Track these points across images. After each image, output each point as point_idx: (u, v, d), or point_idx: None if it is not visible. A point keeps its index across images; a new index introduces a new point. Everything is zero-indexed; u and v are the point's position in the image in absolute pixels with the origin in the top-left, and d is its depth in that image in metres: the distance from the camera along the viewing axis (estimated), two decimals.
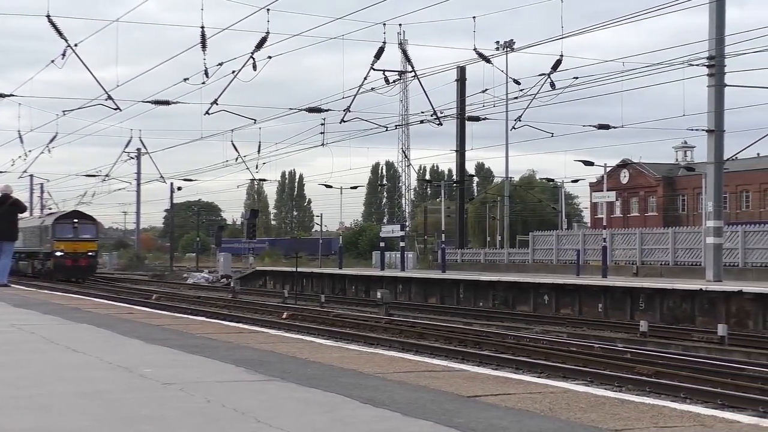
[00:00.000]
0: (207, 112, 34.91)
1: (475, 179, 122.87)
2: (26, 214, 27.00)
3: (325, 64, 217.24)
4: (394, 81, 38.77)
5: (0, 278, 23.94)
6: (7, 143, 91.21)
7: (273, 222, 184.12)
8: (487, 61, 35.48)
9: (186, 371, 7.84)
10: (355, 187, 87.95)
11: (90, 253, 62.74)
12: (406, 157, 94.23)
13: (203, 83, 32.15)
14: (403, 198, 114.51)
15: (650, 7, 45.75)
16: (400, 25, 36.81)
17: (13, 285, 26.11)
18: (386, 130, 43.80)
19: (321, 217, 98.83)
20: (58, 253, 60.47)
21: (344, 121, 36.60)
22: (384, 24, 31.49)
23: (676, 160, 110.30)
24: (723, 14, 32.73)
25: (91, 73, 31.20)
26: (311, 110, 39.34)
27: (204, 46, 29.15)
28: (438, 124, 40.95)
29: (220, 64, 32.49)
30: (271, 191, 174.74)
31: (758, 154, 77.53)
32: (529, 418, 5.70)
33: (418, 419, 5.56)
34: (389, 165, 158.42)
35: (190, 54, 31.29)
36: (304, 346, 10.18)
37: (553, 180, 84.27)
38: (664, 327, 28.51)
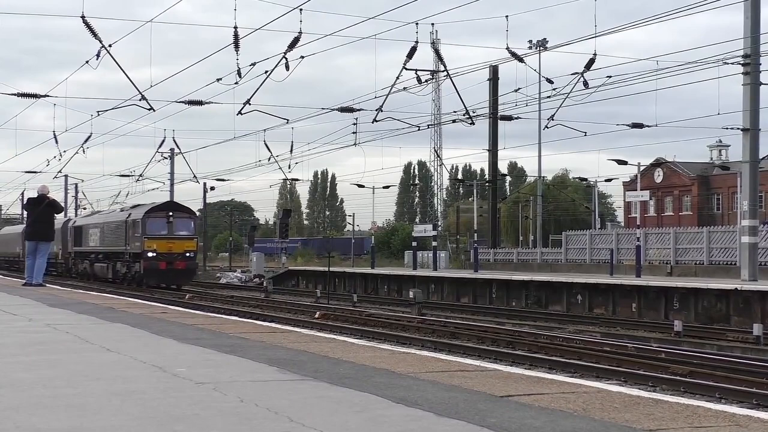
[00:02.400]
0: (240, 112, 35.00)
1: (508, 178, 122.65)
2: (60, 215, 27.21)
3: (358, 64, 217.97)
4: (426, 80, 38.68)
5: (36, 278, 24.16)
6: (42, 143, 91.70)
7: (305, 222, 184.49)
8: (520, 60, 35.38)
9: (219, 371, 7.87)
10: (388, 187, 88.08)
11: (188, 254, 49.73)
12: (438, 156, 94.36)
13: (236, 83, 32.24)
14: (436, 197, 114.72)
15: (683, 6, 45.49)
16: (432, 24, 36.85)
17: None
18: (418, 129, 43.77)
19: (353, 216, 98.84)
20: (150, 254, 48.21)
21: (376, 121, 36.61)
22: (416, 24, 31.45)
23: (711, 158, 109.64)
24: (758, 12, 32.58)
25: (125, 73, 31.34)
26: (343, 110, 39.38)
27: (237, 46, 29.21)
28: (470, 124, 40.82)
29: (253, 65, 32.53)
30: (303, 191, 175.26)
31: None
32: (562, 418, 5.68)
33: (451, 419, 5.56)
34: (421, 164, 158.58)
35: (223, 54, 31.43)
36: (337, 346, 10.19)
37: (586, 179, 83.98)
38: (698, 327, 28.39)
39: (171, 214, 48.94)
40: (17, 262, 79.09)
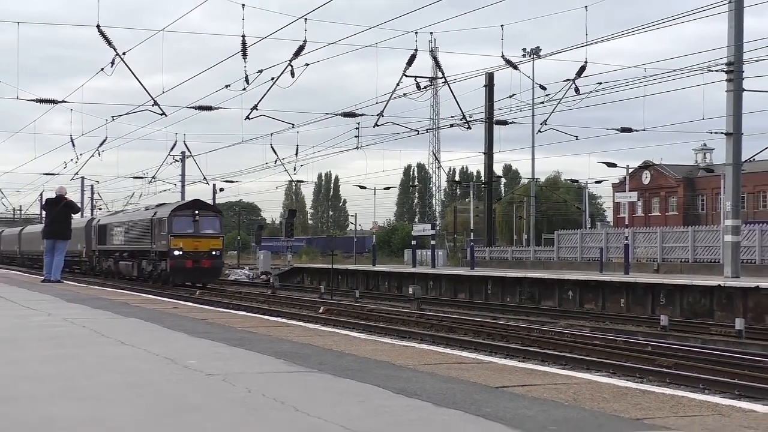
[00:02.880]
0: (248, 117, 35.04)
1: (503, 180, 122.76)
2: (77, 215, 27.13)
3: (360, 71, 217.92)
4: (425, 87, 38.72)
5: (54, 275, 24.19)
6: (60, 147, 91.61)
7: (310, 221, 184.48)
8: (515, 67, 35.39)
9: (228, 363, 7.88)
10: (388, 188, 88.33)
11: (214, 252, 46.23)
12: (436, 159, 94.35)
13: (244, 89, 32.24)
14: (434, 198, 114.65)
15: (671, 16, 45.40)
16: (431, 33, 36.77)
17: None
18: (417, 133, 43.80)
19: (355, 216, 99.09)
20: (176, 253, 45.01)
21: (378, 125, 36.60)
22: (416, 33, 31.46)
23: (696, 161, 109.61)
24: (741, 22, 32.58)
25: (138, 80, 31.36)
26: (346, 115, 39.37)
27: (245, 54, 29.22)
28: (467, 128, 40.83)
29: (260, 72, 32.54)
30: (308, 192, 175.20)
31: None
32: (554, 407, 5.69)
33: (449, 408, 5.57)
34: (420, 167, 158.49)
35: (232, 62, 31.38)
36: (340, 340, 10.20)
37: (577, 181, 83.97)
38: (683, 321, 28.40)
39: (197, 212, 46.04)
40: (41, 260, 78.97)
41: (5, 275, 34.06)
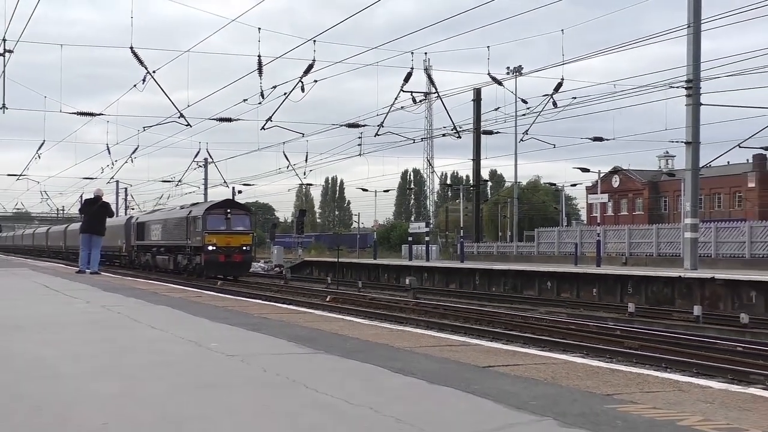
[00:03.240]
0: (263, 128, 35.08)
1: (489, 184, 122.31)
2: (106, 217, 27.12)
3: (362, 87, 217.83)
4: (420, 101, 38.76)
5: (92, 267, 24.17)
6: (97, 154, 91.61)
7: (318, 220, 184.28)
8: (499, 83, 35.42)
9: (246, 345, 7.88)
10: (387, 191, 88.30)
11: (245, 248, 45.19)
12: (430, 165, 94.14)
13: (260, 103, 32.29)
14: (428, 199, 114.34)
15: (637, 39, 45.24)
16: (425, 53, 36.82)
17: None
18: (413, 142, 43.93)
19: (358, 215, 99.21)
20: (210, 248, 43.84)
21: (378, 135, 36.67)
22: (412, 53, 31.53)
23: (659, 167, 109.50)
24: (699, 44, 32.57)
25: (166, 95, 31.36)
26: (350, 126, 39.39)
27: (260, 72, 29.24)
28: (458, 137, 40.90)
29: (274, 87, 32.57)
30: (316, 194, 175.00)
31: (728, 162, 77.05)
32: (534, 385, 5.69)
33: (442, 386, 5.57)
34: (416, 172, 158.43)
35: (249, 79, 31.41)
36: (345, 325, 10.19)
37: (555, 184, 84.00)
38: (648, 308, 28.39)
39: (229, 211, 44.75)
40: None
41: (51, 267, 34.03)
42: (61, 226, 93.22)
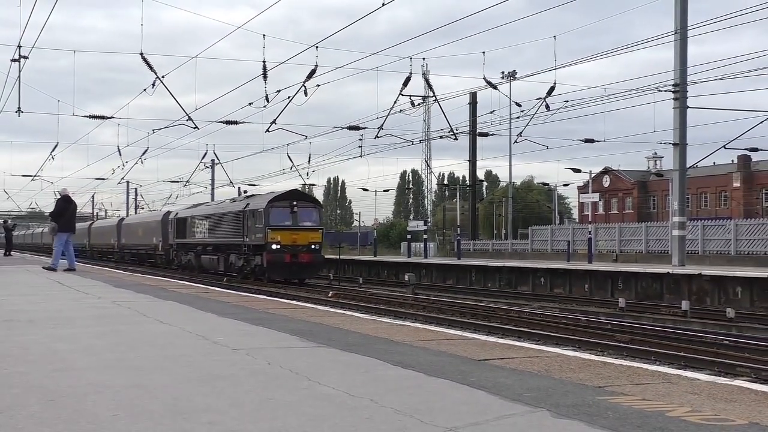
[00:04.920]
0: (267, 130, 35.06)
1: (485, 184, 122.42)
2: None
3: (363, 91, 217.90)
4: (418, 104, 38.71)
5: (71, 263, 23.60)
6: (108, 156, 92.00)
7: None
8: (494, 87, 35.43)
9: (251, 339, 7.87)
10: (387, 191, 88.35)
11: (313, 246, 37.10)
12: (428, 165, 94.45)
13: (264, 107, 32.28)
14: (426, 199, 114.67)
15: (626, 45, 45.31)
16: (423, 58, 37.10)
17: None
18: (412, 144, 43.95)
19: (359, 214, 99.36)
20: (274, 247, 36.17)
21: (378, 137, 36.67)
22: (410, 58, 31.53)
23: (648, 167, 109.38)
24: (685, 49, 32.57)
25: (175, 99, 31.37)
26: (351, 128, 39.41)
27: (265, 77, 29.24)
28: (454, 139, 40.91)
29: (278, 91, 32.58)
30: (319, 194, 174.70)
31: (714, 162, 77.14)
32: (528, 377, 5.69)
33: (439, 378, 5.57)
34: (414, 172, 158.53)
35: (254, 83, 31.39)
36: (346, 319, 10.19)
37: (548, 184, 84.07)
38: (638, 303, 28.37)
39: (295, 203, 37.01)
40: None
41: (63, 264, 34.00)
42: None
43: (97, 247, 76.00)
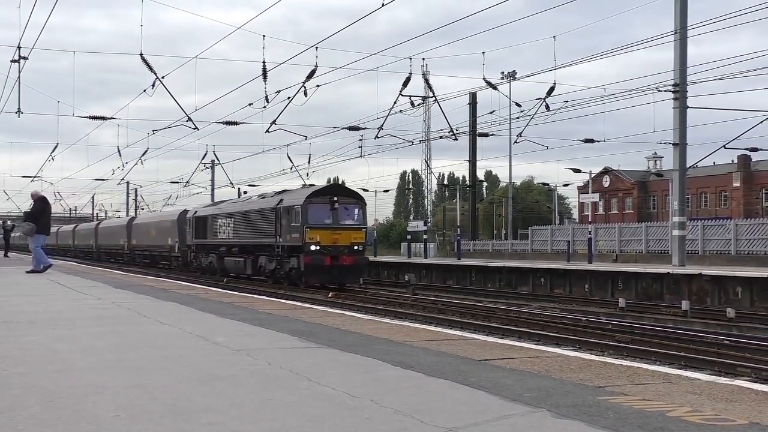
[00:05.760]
0: (267, 131, 35.08)
1: (485, 184, 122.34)
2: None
3: (363, 91, 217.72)
4: (418, 104, 38.77)
5: (45, 263, 23.05)
6: (108, 156, 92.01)
7: None
8: (494, 88, 35.45)
9: (251, 340, 7.87)
10: (387, 191, 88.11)
11: (356, 247, 33.18)
12: (428, 166, 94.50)
13: (264, 107, 32.32)
14: (426, 199, 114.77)
15: (625, 45, 45.55)
16: (423, 59, 36.99)
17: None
18: (412, 144, 43.95)
19: None
20: (313, 248, 32.23)
21: (378, 137, 36.68)
22: (410, 58, 31.56)
23: (648, 167, 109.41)
24: (685, 50, 32.58)
25: (175, 100, 31.39)
26: (351, 128, 39.44)
27: (265, 77, 29.27)
28: (454, 139, 40.95)
29: (278, 92, 32.62)
30: None
31: (714, 162, 77.21)
32: (529, 377, 5.69)
33: (439, 378, 5.57)
34: (414, 173, 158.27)
35: (254, 84, 31.45)
36: (346, 320, 10.19)
37: (548, 184, 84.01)
38: (638, 303, 28.37)
39: (336, 199, 33.15)
40: (92, 252, 76.98)
41: (63, 266, 34.04)
42: (70, 226, 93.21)
43: (105, 248, 72.95)
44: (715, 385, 5.49)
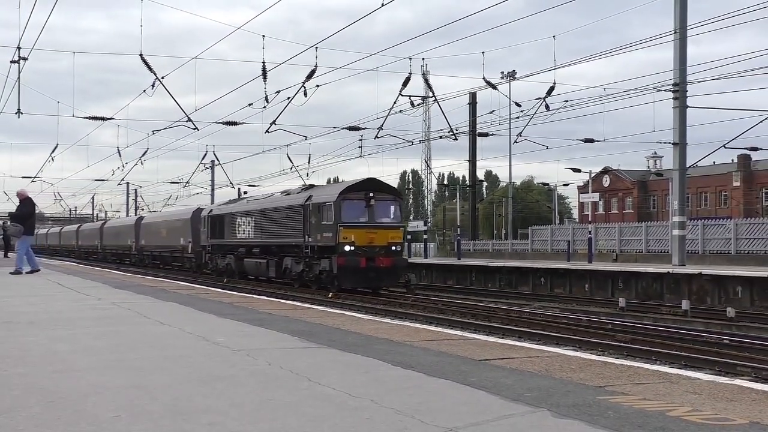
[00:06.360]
0: (267, 131, 35.05)
1: (485, 184, 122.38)
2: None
3: (362, 91, 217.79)
4: (418, 104, 38.76)
5: (26, 265, 22.31)
6: (108, 157, 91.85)
7: None
8: (494, 87, 35.45)
9: (251, 340, 7.87)
10: None
11: (394, 247, 30.36)
12: (428, 166, 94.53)
13: (264, 107, 32.30)
14: (426, 199, 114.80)
15: (624, 45, 45.57)
16: (423, 59, 36.92)
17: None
18: (412, 144, 43.92)
19: None
20: (347, 248, 29.51)
21: (378, 137, 36.66)
22: (410, 58, 31.51)
23: (648, 167, 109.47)
24: (685, 49, 32.56)
25: (174, 100, 31.36)
26: (351, 128, 39.41)
27: (265, 77, 29.25)
28: (454, 139, 40.91)
29: (278, 92, 32.61)
30: None
31: (714, 162, 77.30)
32: (529, 377, 5.69)
33: (439, 378, 5.56)
34: (414, 173, 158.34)
35: (254, 84, 31.51)
36: (346, 320, 10.19)
37: (547, 184, 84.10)
38: (638, 303, 28.36)
39: (372, 195, 30.26)
40: (96, 253, 75.93)
41: (63, 266, 34.04)
42: (73, 225, 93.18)
43: (111, 249, 69.91)
44: (716, 385, 5.49)
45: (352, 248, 29.47)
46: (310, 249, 31.53)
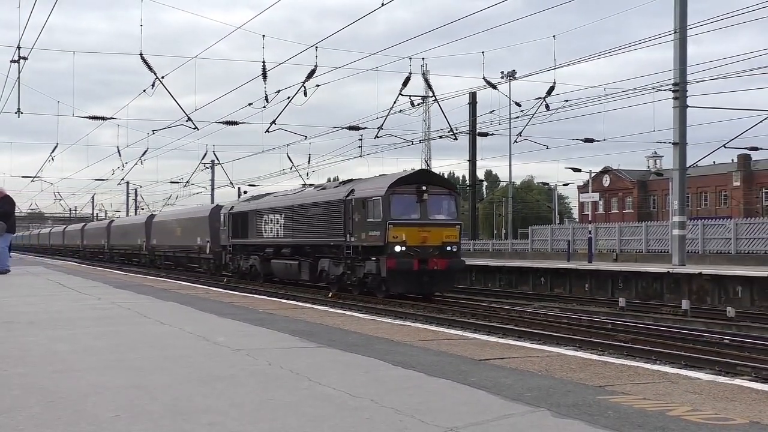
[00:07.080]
0: (267, 131, 35.06)
1: (485, 184, 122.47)
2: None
3: (362, 91, 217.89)
4: (418, 104, 38.75)
5: (5, 264, 22.10)
6: (108, 156, 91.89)
7: None
8: (494, 87, 35.45)
9: (251, 339, 7.87)
10: None
11: (449, 248, 26.92)
12: (428, 166, 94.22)
13: (264, 107, 32.29)
14: None
15: (624, 44, 45.54)
16: (423, 59, 37.00)
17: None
18: (412, 144, 43.93)
19: None
20: (397, 249, 26.04)
21: (378, 137, 36.66)
22: (410, 58, 31.51)
23: (648, 167, 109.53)
24: (685, 49, 32.55)
25: (174, 100, 31.36)
26: (351, 128, 39.41)
27: (265, 77, 29.24)
28: (454, 139, 40.89)
29: (278, 92, 32.60)
30: None
31: (714, 162, 77.34)
32: (529, 377, 5.69)
33: (439, 378, 5.56)
34: None
35: (254, 84, 31.47)
36: (346, 320, 10.19)
37: (547, 184, 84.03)
38: (638, 302, 28.35)
39: (425, 188, 26.69)
40: (102, 252, 75.06)
41: (65, 266, 34.04)
42: (78, 225, 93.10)
43: (119, 249, 66.77)
44: (716, 385, 5.49)
45: (403, 249, 26.21)
46: (352, 249, 28.13)
